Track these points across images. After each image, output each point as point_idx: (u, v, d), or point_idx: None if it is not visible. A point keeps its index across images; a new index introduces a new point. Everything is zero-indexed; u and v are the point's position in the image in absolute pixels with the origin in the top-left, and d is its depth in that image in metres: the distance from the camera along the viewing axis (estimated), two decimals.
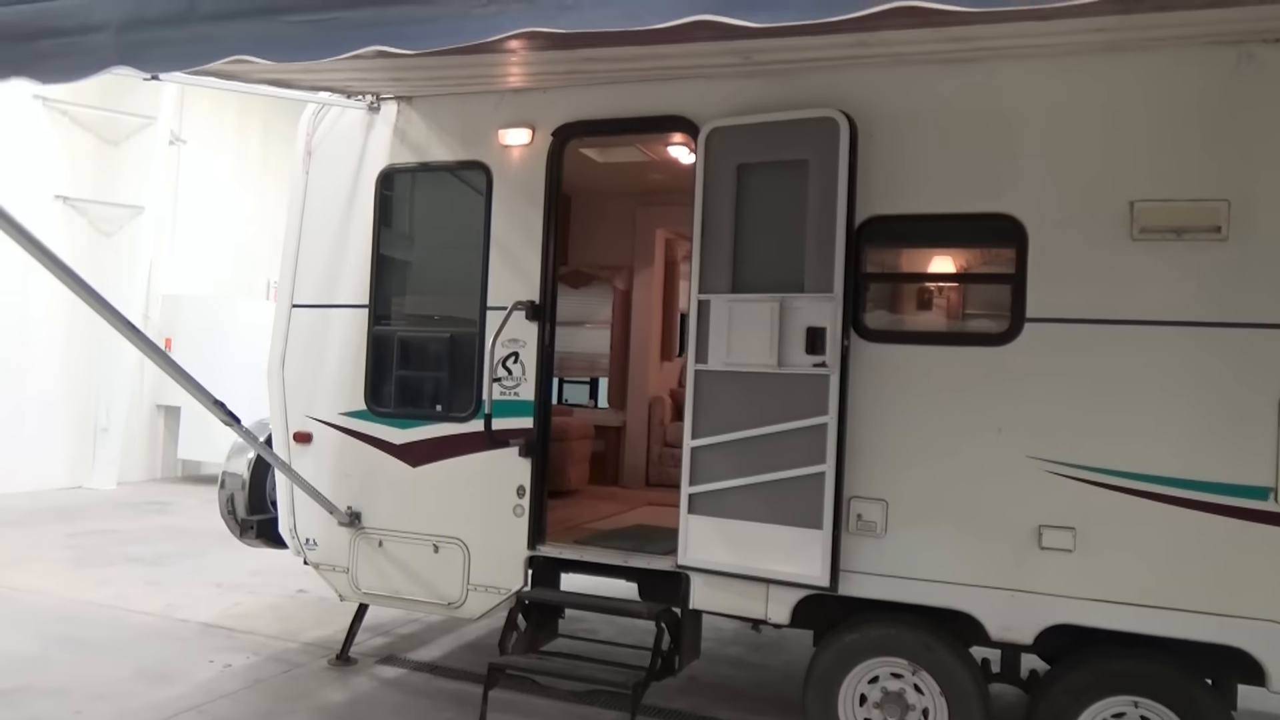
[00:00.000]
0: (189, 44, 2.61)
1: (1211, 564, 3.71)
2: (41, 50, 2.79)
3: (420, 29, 2.40)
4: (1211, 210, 3.73)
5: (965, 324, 4.27)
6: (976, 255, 4.30)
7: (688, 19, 2.08)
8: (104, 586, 7.09)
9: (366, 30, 2.42)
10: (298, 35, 2.51)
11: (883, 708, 4.20)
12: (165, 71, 2.78)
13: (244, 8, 2.56)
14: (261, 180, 14.99)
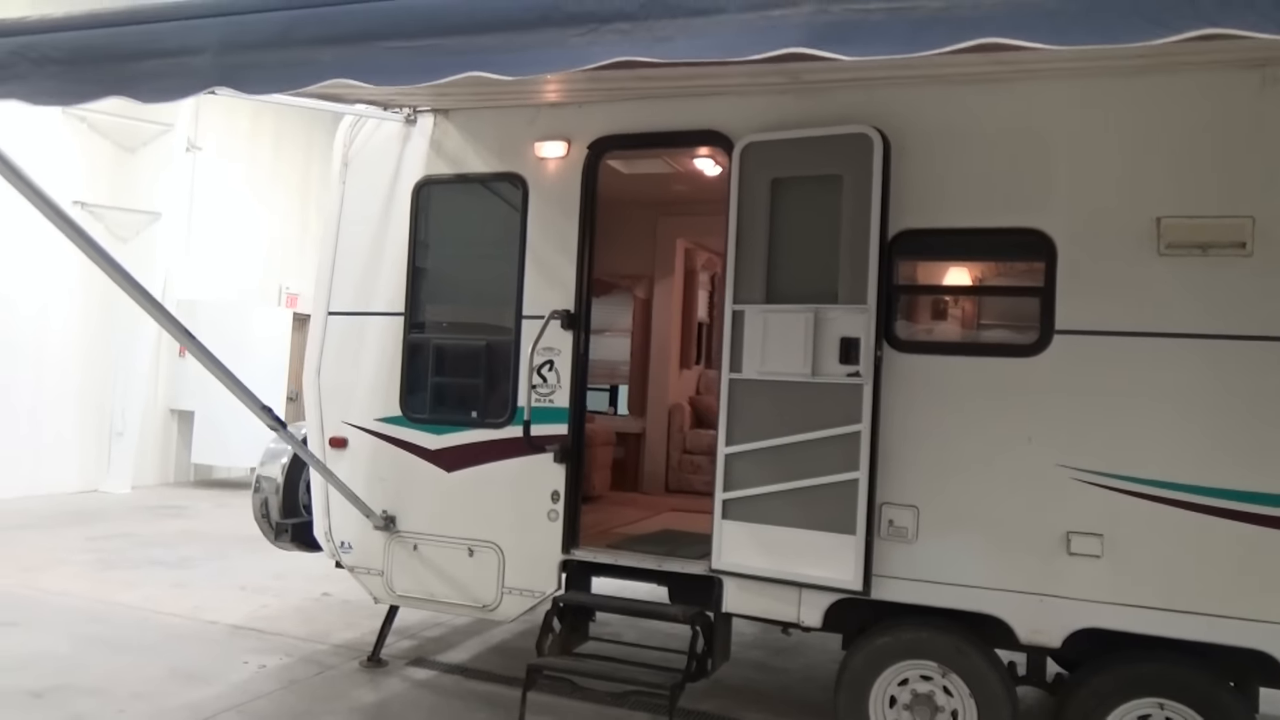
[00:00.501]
0: (287, 67, 2.72)
1: (1235, 569, 3.82)
2: (140, 70, 2.89)
3: (516, 56, 2.51)
4: (1236, 226, 3.85)
5: (995, 335, 4.38)
6: (1006, 269, 4.41)
7: (780, 51, 2.20)
8: (131, 589, 7.18)
9: (462, 57, 2.53)
10: (395, 61, 2.61)
11: (913, 709, 4.30)
12: (264, 93, 2.87)
13: (341, 33, 2.66)
14: (272, 187, 15.12)
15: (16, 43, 2.98)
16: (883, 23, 2.11)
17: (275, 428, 4.84)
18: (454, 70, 2.56)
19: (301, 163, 15.55)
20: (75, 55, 2.95)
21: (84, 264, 12.58)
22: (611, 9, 2.33)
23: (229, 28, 2.78)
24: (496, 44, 2.50)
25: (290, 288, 15.54)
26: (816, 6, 2.13)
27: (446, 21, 2.56)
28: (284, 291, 15.42)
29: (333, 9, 2.67)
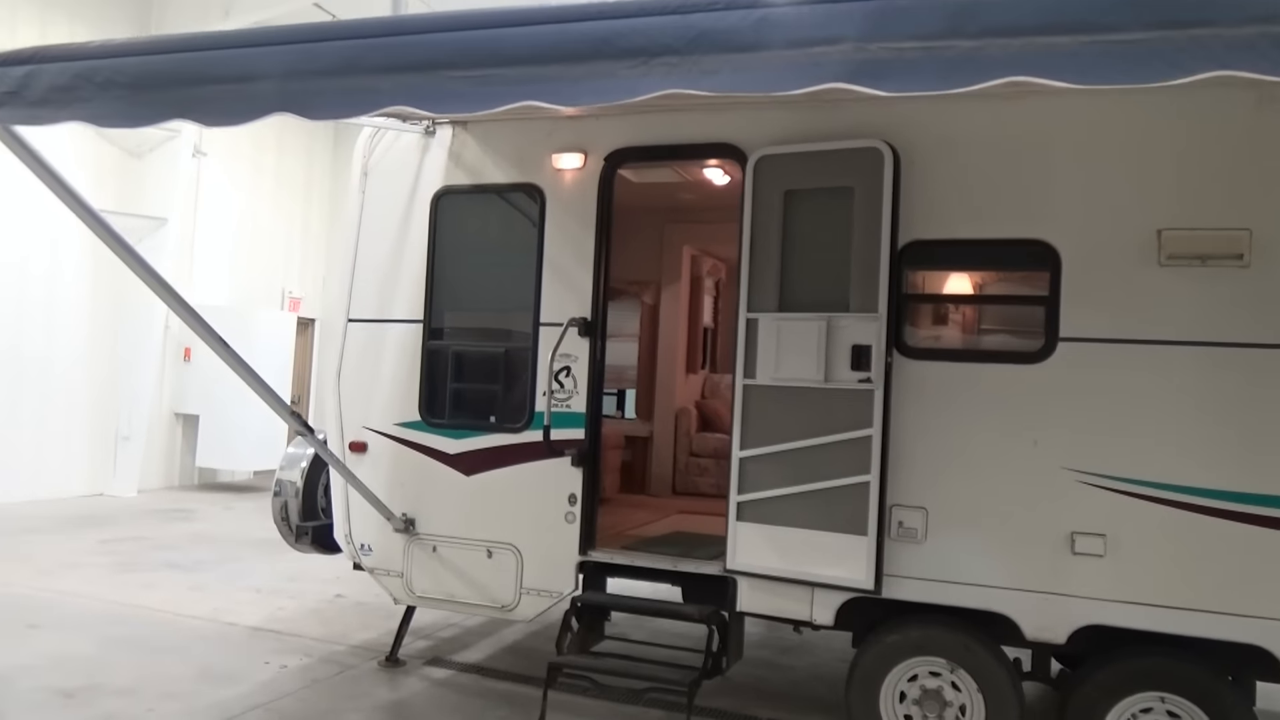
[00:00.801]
0: (351, 94, 2.84)
1: (1233, 567, 3.98)
2: (204, 95, 3.01)
3: (572, 86, 2.64)
4: (1234, 238, 4.01)
5: (1001, 342, 4.53)
6: (1012, 278, 4.57)
7: (820, 87, 2.35)
8: (150, 591, 7.29)
9: (520, 86, 2.66)
10: (457, 90, 2.74)
11: (922, 704, 4.45)
12: (326, 119, 3.00)
13: (404, 63, 2.78)
14: (275, 193, 15.23)
15: (81, 67, 3.11)
16: (917, 61, 2.26)
17: (303, 433, 4.98)
18: (511, 99, 2.69)
19: (303, 169, 15.67)
20: (139, 80, 3.08)
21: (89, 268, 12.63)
22: (660, 44, 2.47)
23: (292, 56, 2.91)
24: (552, 74, 2.63)
25: (293, 292, 15.67)
26: (855, 45, 2.28)
27: (504, 53, 2.69)
28: (286, 295, 15.54)
29: (394, 39, 2.81)
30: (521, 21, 2.72)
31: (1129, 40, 2.08)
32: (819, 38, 2.35)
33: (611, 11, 2.61)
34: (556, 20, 2.67)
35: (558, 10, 2.70)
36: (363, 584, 7.66)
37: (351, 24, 2.93)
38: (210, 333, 4.40)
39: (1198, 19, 2.03)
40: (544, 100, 2.68)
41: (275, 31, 3.01)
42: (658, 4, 2.53)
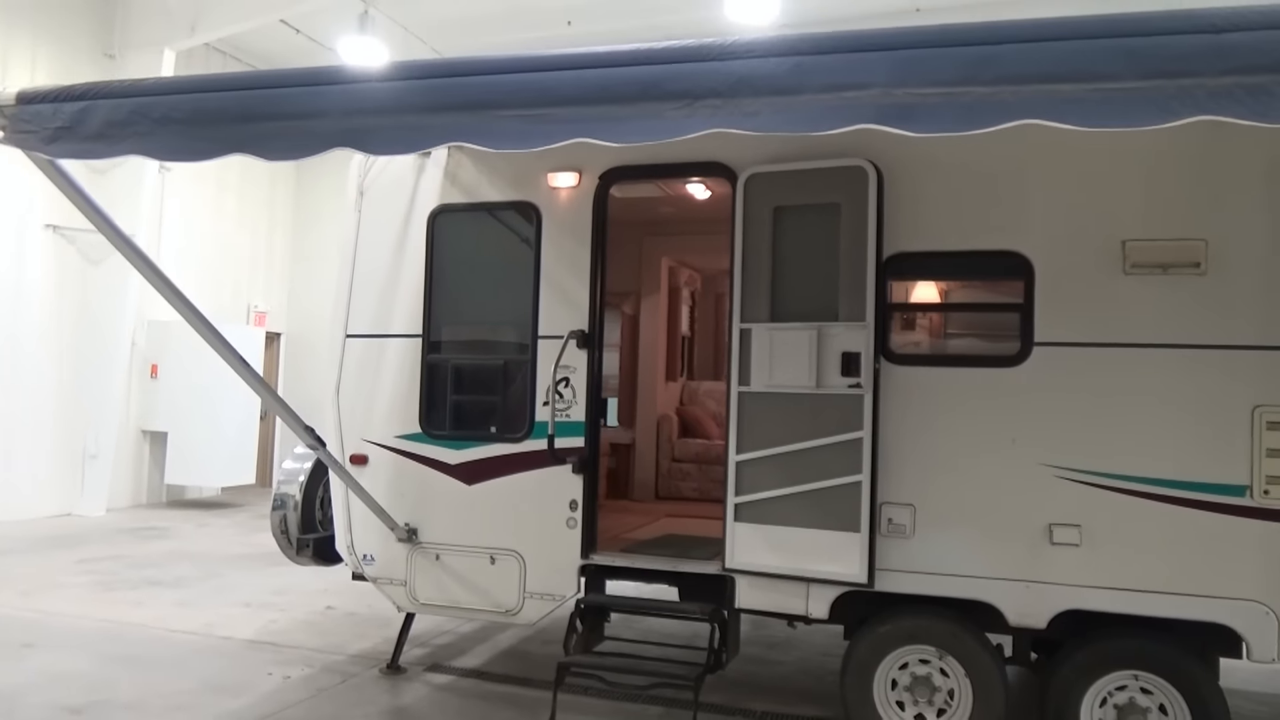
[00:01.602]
0: (406, 131, 3.00)
1: (1199, 552, 4.30)
2: (262, 131, 3.15)
3: (620, 125, 2.84)
4: (1192, 248, 4.34)
5: (981, 348, 4.82)
6: (989, 287, 4.86)
7: (852, 128, 2.58)
8: (138, 608, 7.30)
9: (570, 125, 2.85)
10: (509, 128, 2.91)
11: (913, 691, 4.71)
12: (384, 154, 3.15)
13: (457, 102, 2.95)
14: (239, 207, 15.17)
15: (137, 103, 3.22)
16: (939, 105, 2.51)
17: (315, 447, 5.10)
18: (562, 137, 2.89)
19: (267, 182, 15.62)
20: (197, 116, 3.20)
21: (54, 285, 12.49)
22: (705, 87, 2.69)
23: (351, 95, 3.06)
24: (601, 115, 2.83)
25: (258, 306, 15.61)
26: (882, 90, 2.52)
27: (556, 94, 2.88)
28: (252, 310, 15.48)
29: (450, 80, 2.98)
30: (571, 65, 2.92)
31: (1125, 88, 2.35)
32: (850, 83, 2.58)
33: (656, 57, 2.83)
34: (604, 64, 2.88)
35: (605, 56, 2.90)
36: (352, 595, 7.77)
37: (408, 65, 3.10)
38: (234, 354, 4.48)
39: (1184, 70, 2.31)
40: (594, 138, 2.87)
41: (334, 71, 3.16)
42: (700, 50, 2.74)
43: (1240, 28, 2.29)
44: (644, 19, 12.80)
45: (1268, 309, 4.26)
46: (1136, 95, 2.36)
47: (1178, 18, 2.38)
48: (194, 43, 12.34)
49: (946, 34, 2.63)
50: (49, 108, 3.27)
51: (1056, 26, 2.57)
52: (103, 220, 3.70)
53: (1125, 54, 2.38)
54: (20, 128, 3.30)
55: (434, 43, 14.19)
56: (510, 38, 13.70)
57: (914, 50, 2.59)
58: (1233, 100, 2.27)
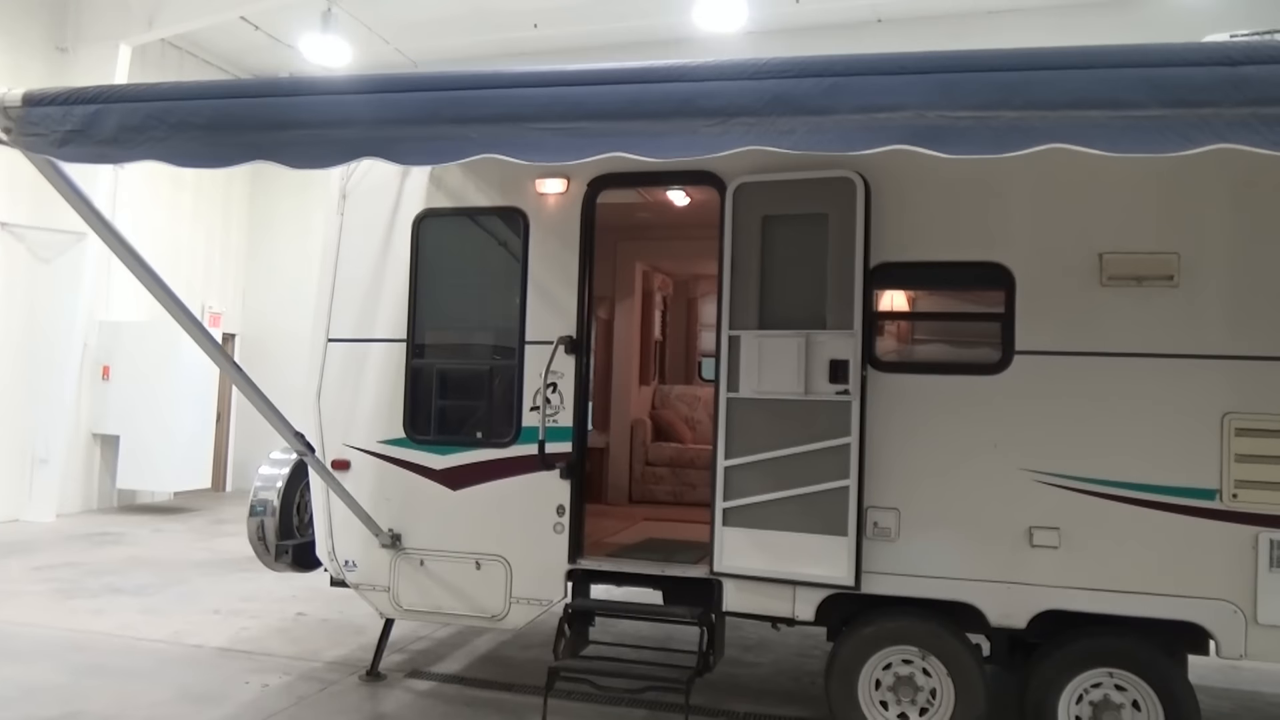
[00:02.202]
0: (437, 141, 2.98)
1: (1171, 554, 4.47)
2: (285, 139, 3.10)
3: (655, 141, 2.86)
4: (1165, 261, 4.52)
5: (963, 356, 4.95)
6: (972, 297, 4.99)
7: (885, 148, 2.65)
8: (101, 616, 7.13)
9: (605, 139, 2.87)
10: (542, 141, 2.92)
11: (896, 690, 4.82)
12: (413, 164, 3.13)
13: (487, 113, 2.95)
14: (194, 206, 14.87)
15: (153, 108, 3.16)
16: (970, 128, 2.59)
17: (305, 454, 5.04)
18: (596, 151, 2.90)
19: (223, 181, 15.33)
20: (217, 122, 3.15)
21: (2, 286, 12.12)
22: (739, 105, 2.74)
23: (381, 104, 3.04)
24: (636, 130, 2.85)
25: (213, 307, 15.29)
26: (915, 113, 2.60)
27: (590, 108, 2.90)
28: (206, 310, 15.15)
29: (482, 92, 2.98)
30: (606, 80, 2.94)
31: (1149, 116, 2.47)
32: (884, 104, 2.66)
33: (692, 74, 2.87)
34: (640, 80, 2.91)
35: (641, 71, 2.93)
36: (322, 601, 7.68)
37: (438, 76, 3.09)
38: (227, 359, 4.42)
39: (1204, 100, 2.43)
40: (628, 152, 2.89)
41: (361, 80, 3.14)
42: (735, 68, 2.79)
43: (1256, 61, 2.42)
44: (610, 23, 12.87)
45: (1236, 320, 4.45)
46: (1158, 123, 2.47)
47: (1198, 50, 2.51)
48: (151, 38, 12.07)
49: (979, 59, 2.73)
50: (58, 110, 3.20)
51: (1084, 55, 2.68)
52: (101, 224, 3.64)
53: (1149, 83, 2.49)
54: (28, 130, 3.23)
55: (397, 42, 14.08)
56: (475, 39, 13.67)
57: (947, 74, 2.68)
58: (1249, 130, 2.40)
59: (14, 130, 3.29)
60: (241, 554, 9.79)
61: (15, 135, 3.29)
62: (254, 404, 4.66)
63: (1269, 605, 4.35)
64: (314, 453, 5.15)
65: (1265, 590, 4.35)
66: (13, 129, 3.31)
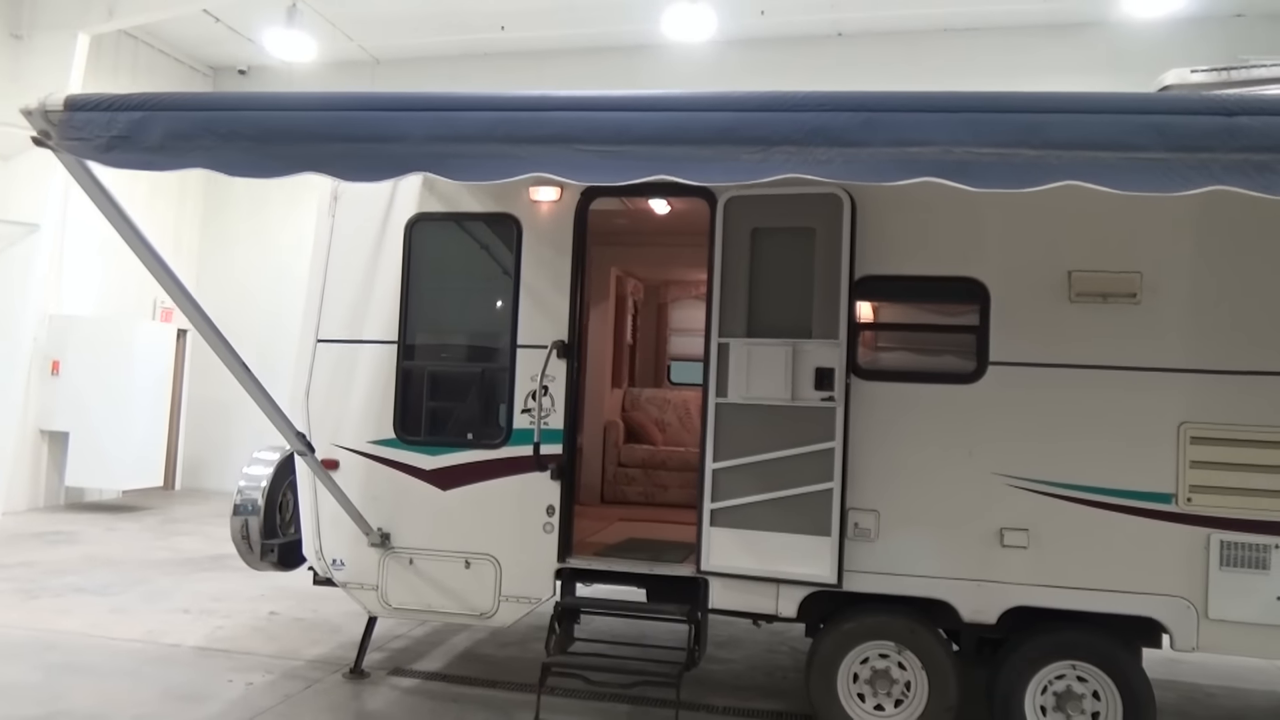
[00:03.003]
0: (488, 159, 3.08)
1: (1131, 553, 4.78)
2: (340, 151, 3.17)
3: (698, 166, 3.01)
4: (1129, 279, 4.83)
5: (941, 365, 5.21)
6: (949, 310, 5.24)
7: (915, 180, 2.86)
8: (68, 616, 7.04)
9: (650, 163, 3.00)
10: (590, 162, 3.04)
11: (873, 683, 5.06)
12: (464, 180, 3.22)
13: (538, 134, 3.06)
14: (148, 199, 14.58)
15: (201, 117, 3.21)
16: (993, 164, 2.81)
17: (304, 453, 5.08)
18: (642, 174, 3.05)
19: (179, 177, 15.02)
20: (269, 134, 3.21)
21: None
22: (780, 135, 2.91)
23: (435, 122, 3.14)
24: (680, 155, 3.00)
25: (165, 301, 14.99)
26: (942, 149, 2.80)
27: (637, 133, 3.03)
28: (159, 305, 14.87)
29: (534, 114, 3.09)
30: (654, 106, 3.09)
31: (1154, 159, 2.71)
32: (915, 139, 2.86)
33: (735, 104, 3.03)
34: (685, 108, 3.06)
35: (686, 99, 3.09)
36: (294, 600, 7.68)
37: (492, 97, 3.19)
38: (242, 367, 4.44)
39: (1202, 146, 2.68)
40: (673, 176, 3.05)
41: (415, 98, 3.23)
42: (776, 100, 2.96)
43: (1249, 113, 2.68)
44: (579, 28, 13.00)
45: (1192, 336, 4.79)
46: (1162, 165, 2.72)
47: (1198, 101, 2.77)
48: (110, 27, 11.86)
49: (1002, 101, 2.95)
50: (103, 116, 3.23)
51: (1097, 102, 2.92)
52: (128, 228, 3.66)
53: (1154, 129, 2.74)
54: (71, 135, 3.25)
55: (361, 39, 14.03)
56: (441, 39, 13.70)
57: (973, 113, 2.89)
58: (1242, 174, 2.66)
59: (56, 134, 3.31)
60: (203, 553, 9.76)
61: (59, 139, 3.31)
62: (260, 405, 4.69)
63: (1219, 601, 4.68)
64: (314, 453, 5.19)
65: (1216, 587, 4.69)
66: (52, 133, 3.34)
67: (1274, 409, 4.69)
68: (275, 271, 14.65)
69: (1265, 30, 11.84)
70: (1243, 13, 11.91)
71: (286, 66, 14.50)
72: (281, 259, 14.34)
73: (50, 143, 3.34)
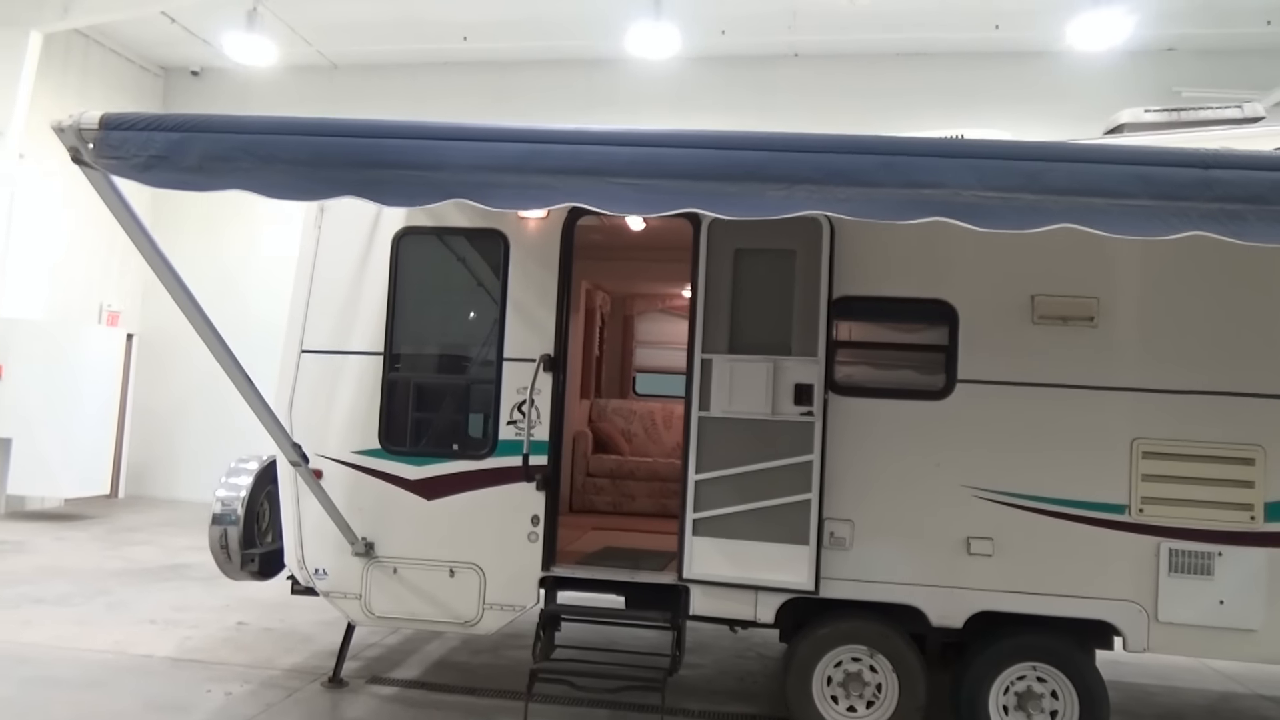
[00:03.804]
0: (526, 189, 3.20)
1: (1087, 561, 5.09)
2: (382, 178, 3.25)
3: (726, 200, 3.18)
4: (1087, 304, 5.16)
5: (912, 382, 5.47)
6: (920, 330, 5.52)
7: (927, 220, 3.08)
8: (32, 628, 6.92)
9: (680, 196, 3.14)
10: (623, 194, 3.18)
11: (846, 686, 5.30)
12: (502, 208, 3.33)
13: (574, 166, 3.20)
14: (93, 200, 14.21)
15: (241, 140, 3.26)
16: (997, 207, 3.05)
17: (298, 464, 5.12)
18: (673, 207, 3.21)
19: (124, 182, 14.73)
20: (307, 158, 3.27)
21: None
22: (802, 175, 3.10)
23: (476, 152, 3.25)
24: (710, 190, 3.17)
25: (111, 305, 14.70)
26: (951, 192, 3.04)
27: (668, 168, 3.20)
28: (105, 309, 14.57)
29: (570, 147, 3.23)
30: (686, 144, 3.25)
31: (1140, 205, 2.97)
32: (927, 181, 3.08)
33: (762, 144, 3.21)
34: (715, 146, 3.23)
35: (716, 137, 3.26)
36: (259, 610, 7.66)
37: (531, 130, 3.32)
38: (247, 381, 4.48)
39: (1183, 195, 2.96)
40: (700, 209, 3.22)
41: (455, 128, 3.34)
42: (799, 141, 3.16)
43: (1223, 166, 2.97)
44: (542, 40, 13.13)
45: (1144, 357, 5.13)
46: (1148, 211, 2.99)
47: (1179, 154, 3.05)
48: (65, 26, 11.62)
49: (1006, 149, 3.20)
50: (140, 135, 3.27)
51: (1091, 152, 3.19)
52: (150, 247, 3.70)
53: (1140, 179, 3.00)
54: (107, 153, 3.28)
55: (320, 45, 13.97)
56: (402, 47, 13.70)
57: (979, 159, 3.13)
58: (1217, 222, 2.94)
59: (90, 152, 3.35)
60: (158, 563, 9.63)
61: (96, 158, 3.34)
62: (258, 415, 4.74)
63: (1168, 605, 5.02)
64: (307, 463, 5.24)
65: (1165, 592, 5.03)
66: (83, 151, 3.37)
67: (1218, 426, 5.06)
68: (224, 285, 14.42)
69: (1193, 64, 12.55)
70: (1174, 47, 12.58)
71: (242, 69, 14.36)
72: (230, 273, 14.10)
73: (87, 160, 3.37)
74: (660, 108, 13.38)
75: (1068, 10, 11.24)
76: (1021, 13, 11.92)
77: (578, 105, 13.49)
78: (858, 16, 11.97)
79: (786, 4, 12.07)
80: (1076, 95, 12.45)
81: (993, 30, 12.38)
